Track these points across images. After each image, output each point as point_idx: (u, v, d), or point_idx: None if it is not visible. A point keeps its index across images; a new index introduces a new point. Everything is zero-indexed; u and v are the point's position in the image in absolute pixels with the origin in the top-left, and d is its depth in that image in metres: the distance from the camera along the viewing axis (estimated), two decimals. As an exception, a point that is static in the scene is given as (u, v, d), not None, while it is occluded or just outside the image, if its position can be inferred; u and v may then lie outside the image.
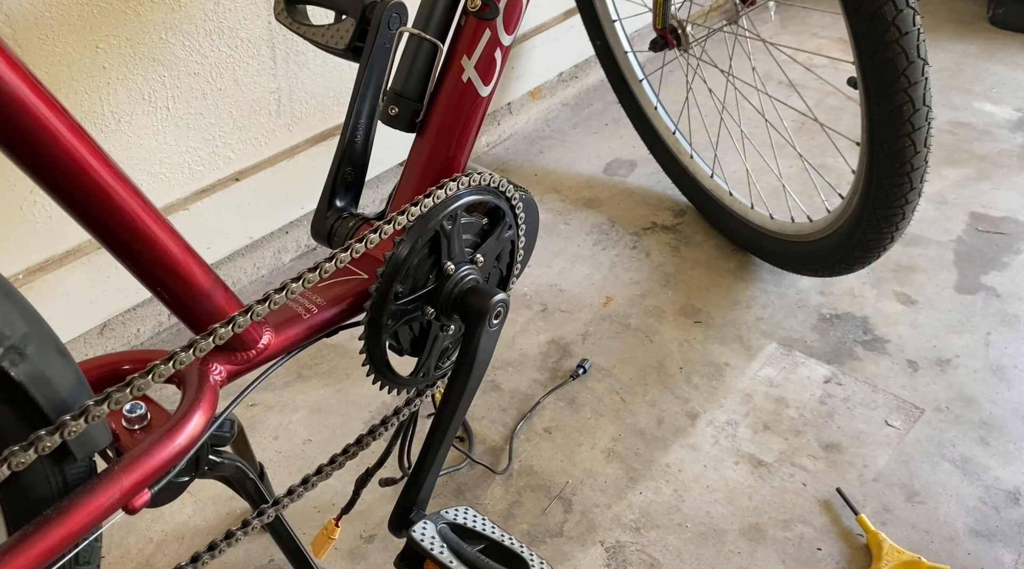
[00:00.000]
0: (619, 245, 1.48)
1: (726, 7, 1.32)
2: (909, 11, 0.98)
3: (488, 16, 0.79)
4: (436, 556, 0.79)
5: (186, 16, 1.13)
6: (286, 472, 1.09)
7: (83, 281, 1.13)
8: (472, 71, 0.80)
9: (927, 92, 1.03)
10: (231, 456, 0.77)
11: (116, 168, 0.55)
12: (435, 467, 0.83)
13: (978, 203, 1.55)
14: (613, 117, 1.81)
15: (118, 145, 1.12)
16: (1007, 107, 1.83)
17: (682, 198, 1.55)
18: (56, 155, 0.52)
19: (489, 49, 0.80)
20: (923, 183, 1.10)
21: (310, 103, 1.33)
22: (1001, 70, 1.96)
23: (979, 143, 1.72)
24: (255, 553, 1.00)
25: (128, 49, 1.08)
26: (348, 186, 0.85)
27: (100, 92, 1.08)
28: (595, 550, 1.00)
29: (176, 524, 1.03)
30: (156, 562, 0.99)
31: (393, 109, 0.81)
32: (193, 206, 1.23)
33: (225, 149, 1.25)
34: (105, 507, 0.55)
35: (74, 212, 0.55)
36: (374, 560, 0.99)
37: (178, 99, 1.16)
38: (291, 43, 1.26)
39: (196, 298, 0.64)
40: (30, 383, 0.52)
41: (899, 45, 0.99)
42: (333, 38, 0.82)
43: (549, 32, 1.73)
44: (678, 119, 1.51)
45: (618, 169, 1.68)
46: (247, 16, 1.19)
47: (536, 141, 1.77)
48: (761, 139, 1.44)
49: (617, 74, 1.53)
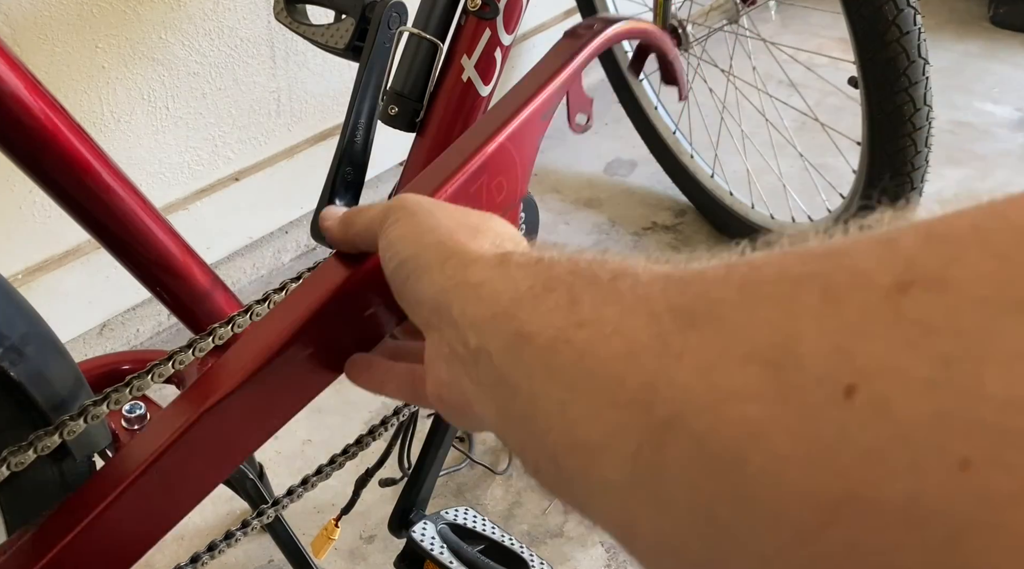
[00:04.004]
0: (619, 245, 1.48)
1: (727, 6, 1.31)
2: (910, 11, 0.98)
3: (488, 15, 0.79)
4: (436, 556, 0.79)
5: (185, 16, 1.12)
6: (286, 472, 1.09)
7: (82, 281, 1.13)
8: (472, 71, 0.80)
9: (928, 92, 1.03)
10: (231, 456, 0.77)
11: (116, 168, 0.55)
12: (435, 467, 0.83)
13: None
14: (613, 117, 1.81)
15: (117, 145, 1.12)
16: (1008, 107, 1.83)
17: (682, 198, 1.55)
18: (56, 155, 0.52)
19: (489, 48, 0.80)
20: (924, 183, 1.10)
21: (310, 103, 1.33)
22: (1002, 70, 1.96)
23: (980, 143, 1.72)
24: (255, 553, 1.00)
25: (127, 49, 1.08)
26: (348, 186, 0.85)
27: (99, 92, 1.08)
28: (596, 551, 1.00)
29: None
30: (155, 562, 0.99)
31: (393, 109, 0.81)
32: (193, 206, 1.22)
33: (225, 149, 1.25)
34: (104, 507, 0.55)
35: (74, 212, 0.55)
36: (374, 560, 0.99)
37: (177, 99, 1.16)
38: (291, 43, 1.26)
39: (196, 298, 0.64)
40: (29, 383, 0.51)
41: (900, 45, 0.99)
42: (333, 37, 0.82)
43: (549, 32, 1.72)
44: (678, 119, 1.51)
45: (618, 169, 1.68)
46: (247, 15, 1.19)
47: (536, 141, 1.77)
48: (762, 139, 1.44)
49: (617, 74, 1.53)
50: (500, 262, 0.32)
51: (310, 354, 0.45)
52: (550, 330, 0.27)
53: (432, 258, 0.35)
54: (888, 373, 0.18)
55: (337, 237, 0.45)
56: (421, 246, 0.36)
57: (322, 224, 0.46)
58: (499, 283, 0.31)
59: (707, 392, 0.21)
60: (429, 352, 0.35)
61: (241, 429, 0.45)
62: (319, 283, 0.45)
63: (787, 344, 0.20)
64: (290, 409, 0.47)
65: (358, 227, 0.43)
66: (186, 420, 0.43)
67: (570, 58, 0.62)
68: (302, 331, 0.44)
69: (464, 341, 0.32)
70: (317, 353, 0.45)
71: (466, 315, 0.32)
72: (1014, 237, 0.18)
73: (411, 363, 0.43)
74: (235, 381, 0.43)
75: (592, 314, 0.26)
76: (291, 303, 0.45)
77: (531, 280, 0.30)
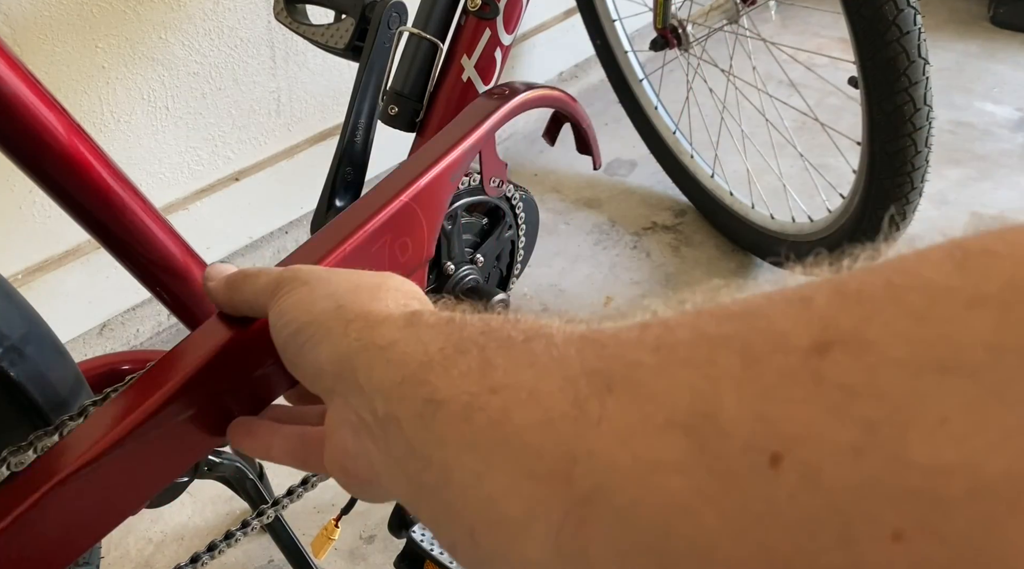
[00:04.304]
0: (619, 245, 1.48)
1: (727, 6, 1.31)
2: (910, 11, 0.98)
3: (488, 15, 0.79)
4: (436, 556, 0.79)
5: (185, 16, 1.12)
6: (286, 472, 1.09)
7: (82, 281, 1.13)
8: (472, 70, 0.80)
9: (928, 92, 1.03)
10: (230, 457, 0.77)
11: (115, 168, 0.55)
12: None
13: (979, 203, 1.55)
14: (613, 117, 1.81)
15: (117, 145, 1.12)
16: (1008, 107, 1.83)
17: (682, 198, 1.55)
18: (55, 155, 0.52)
19: (489, 48, 0.80)
20: (924, 183, 1.10)
21: (310, 103, 1.33)
22: (1002, 70, 1.96)
23: (980, 143, 1.71)
24: (255, 554, 1.00)
25: (127, 49, 1.08)
26: (348, 186, 0.85)
27: (99, 92, 1.08)
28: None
29: (175, 525, 1.03)
30: (155, 563, 0.99)
31: (393, 108, 0.81)
32: (192, 206, 1.22)
33: (224, 149, 1.25)
34: (104, 508, 0.55)
35: (74, 212, 0.55)
36: (374, 560, 0.99)
37: (177, 99, 1.16)
38: (291, 43, 1.26)
39: (196, 298, 0.63)
40: (29, 383, 0.51)
41: (900, 44, 0.99)
42: (333, 37, 0.82)
43: (549, 32, 1.72)
44: (678, 119, 1.51)
45: (618, 169, 1.68)
46: (246, 16, 1.19)
47: (536, 141, 1.77)
48: (762, 139, 1.44)
49: (617, 73, 1.53)
50: (409, 322, 0.31)
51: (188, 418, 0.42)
52: (463, 396, 0.25)
53: (332, 322, 0.33)
54: (813, 440, 0.17)
55: (221, 301, 0.43)
56: (318, 311, 0.34)
57: (205, 283, 0.44)
58: (408, 345, 0.29)
59: (629, 463, 0.20)
60: (332, 420, 0.33)
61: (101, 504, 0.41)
62: (201, 344, 0.42)
63: (709, 411, 0.19)
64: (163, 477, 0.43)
65: (246, 295, 0.41)
66: (41, 490, 0.39)
67: (482, 120, 0.61)
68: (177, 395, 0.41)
69: (371, 408, 0.29)
70: (196, 417, 0.42)
71: (373, 380, 0.30)
72: (928, 295, 0.17)
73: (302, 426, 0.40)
74: (89, 455, 0.39)
75: (506, 378, 0.25)
76: (167, 364, 0.42)
77: (442, 341, 0.28)
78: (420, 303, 0.35)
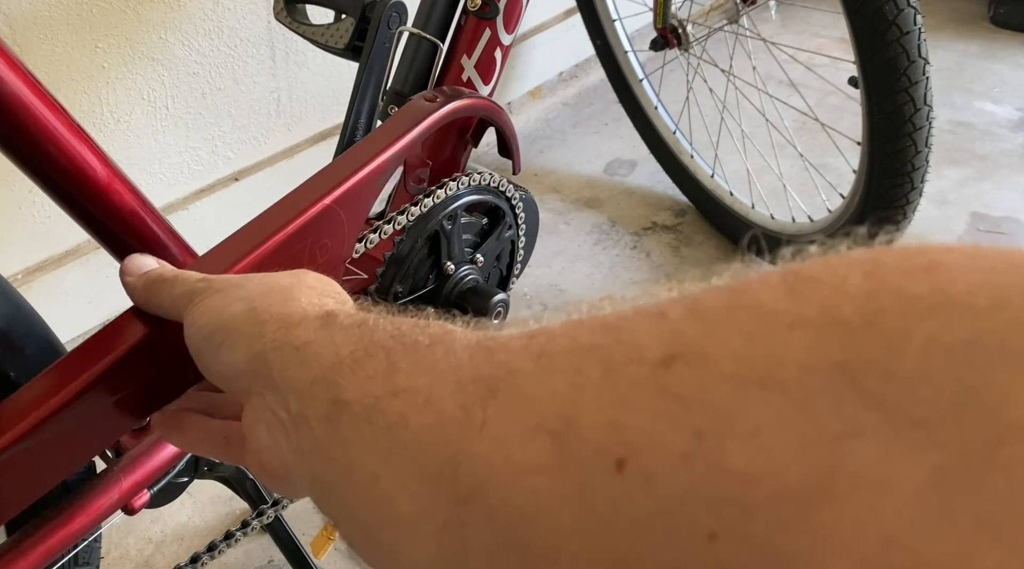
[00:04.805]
0: (619, 245, 1.48)
1: (727, 6, 1.31)
2: (910, 10, 0.98)
3: (488, 15, 0.79)
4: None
5: (185, 16, 1.12)
6: (286, 472, 1.09)
7: (82, 281, 1.13)
8: (472, 70, 0.80)
9: (928, 92, 1.03)
10: (231, 456, 0.77)
11: (115, 168, 0.55)
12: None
13: (979, 203, 1.55)
14: (613, 116, 1.81)
15: (117, 145, 1.12)
16: (1008, 107, 1.83)
17: (682, 198, 1.55)
18: (55, 155, 0.52)
19: (489, 48, 0.80)
20: (924, 183, 1.10)
21: (310, 103, 1.33)
22: (1002, 70, 1.96)
23: (980, 143, 1.71)
24: (255, 554, 1.00)
25: (127, 49, 1.08)
26: (348, 186, 0.85)
27: (99, 92, 1.08)
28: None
29: (175, 525, 1.03)
30: (155, 563, 0.99)
31: (393, 108, 0.81)
32: (192, 206, 1.22)
33: (224, 149, 1.25)
34: (104, 508, 0.55)
35: (73, 212, 0.55)
36: (374, 560, 0.99)
37: (177, 99, 1.16)
38: (290, 42, 1.26)
39: (195, 298, 0.63)
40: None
41: (900, 44, 0.99)
42: (332, 37, 0.82)
43: (549, 31, 1.72)
44: (678, 119, 1.51)
45: (618, 169, 1.68)
46: (246, 15, 1.19)
47: (536, 141, 1.77)
48: (762, 139, 1.44)
49: (617, 73, 1.53)
50: (324, 324, 0.31)
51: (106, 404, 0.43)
52: (367, 398, 0.26)
53: (245, 325, 0.34)
54: (652, 446, 0.18)
55: (138, 300, 0.44)
56: (231, 315, 0.35)
57: (122, 277, 0.45)
58: (321, 346, 0.30)
59: (502, 465, 0.21)
60: (248, 417, 0.34)
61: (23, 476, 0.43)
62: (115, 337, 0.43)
63: (570, 416, 0.20)
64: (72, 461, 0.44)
65: (162, 300, 0.42)
66: None
67: (410, 127, 0.62)
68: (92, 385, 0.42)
69: (285, 405, 0.30)
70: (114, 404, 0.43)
71: (287, 378, 0.31)
72: (760, 317, 0.19)
73: (227, 419, 0.41)
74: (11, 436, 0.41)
75: (407, 382, 0.26)
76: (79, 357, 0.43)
77: (353, 344, 0.29)
78: (335, 300, 0.35)
